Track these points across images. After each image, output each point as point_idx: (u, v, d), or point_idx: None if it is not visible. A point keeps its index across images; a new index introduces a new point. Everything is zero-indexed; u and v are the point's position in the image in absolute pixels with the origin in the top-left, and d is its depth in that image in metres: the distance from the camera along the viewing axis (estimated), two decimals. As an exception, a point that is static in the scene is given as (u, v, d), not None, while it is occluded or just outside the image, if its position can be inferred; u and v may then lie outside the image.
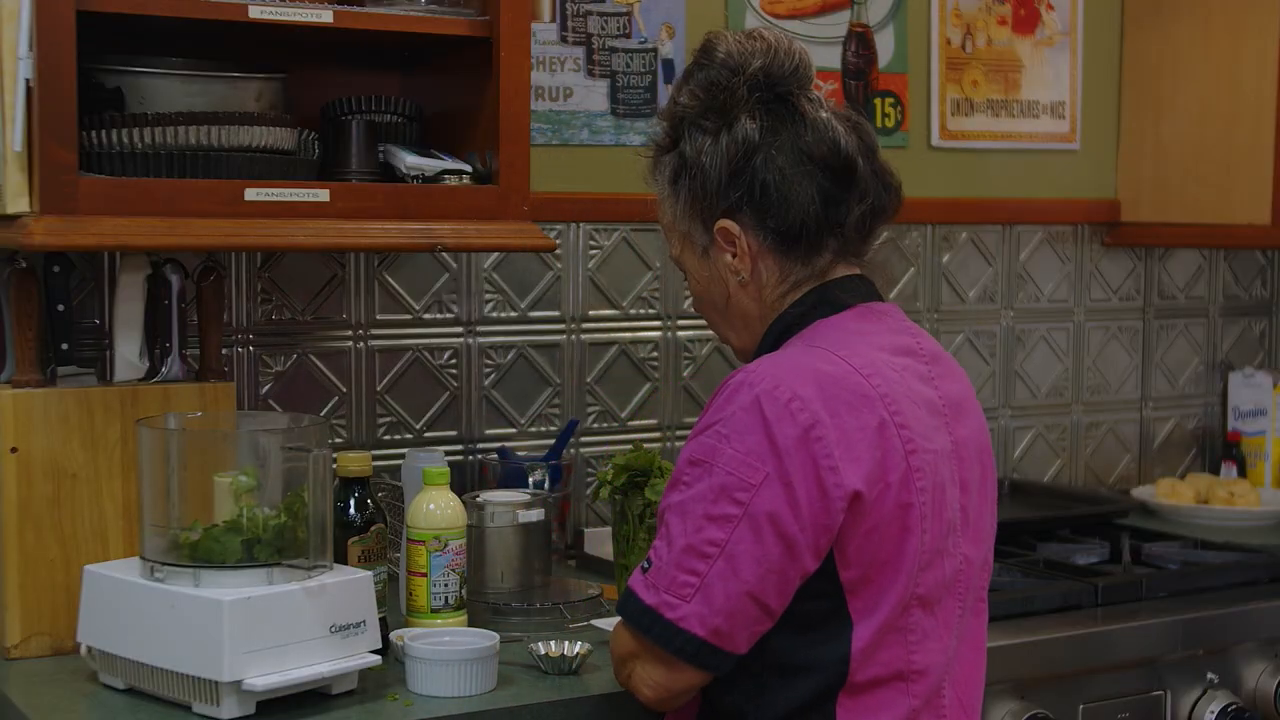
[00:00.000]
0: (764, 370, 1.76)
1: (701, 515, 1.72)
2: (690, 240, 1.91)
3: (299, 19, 2.13)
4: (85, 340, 2.36)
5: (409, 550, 2.14)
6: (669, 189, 1.91)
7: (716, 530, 1.71)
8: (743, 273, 1.87)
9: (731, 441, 1.72)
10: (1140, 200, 3.31)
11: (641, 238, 2.85)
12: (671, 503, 1.76)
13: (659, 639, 1.74)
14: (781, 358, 1.80)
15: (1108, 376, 3.41)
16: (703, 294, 1.94)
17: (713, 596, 1.71)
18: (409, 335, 2.66)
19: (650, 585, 1.75)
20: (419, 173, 2.27)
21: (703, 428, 1.77)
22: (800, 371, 1.75)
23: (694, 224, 1.89)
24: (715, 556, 1.71)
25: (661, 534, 1.76)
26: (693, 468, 1.75)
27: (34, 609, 2.10)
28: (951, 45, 3.16)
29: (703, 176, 1.86)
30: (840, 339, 1.82)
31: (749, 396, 1.73)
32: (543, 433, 2.77)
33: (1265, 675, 2.52)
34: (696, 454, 1.75)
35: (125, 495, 2.14)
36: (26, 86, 1.97)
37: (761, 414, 1.72)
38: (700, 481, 1.73)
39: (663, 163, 1.92)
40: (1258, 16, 3.04)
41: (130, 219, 2.01)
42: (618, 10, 2.80)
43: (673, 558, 1.73)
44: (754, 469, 1.71)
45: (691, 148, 1.87)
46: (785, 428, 1.71)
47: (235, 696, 1.85)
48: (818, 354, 1.78)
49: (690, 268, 1.93)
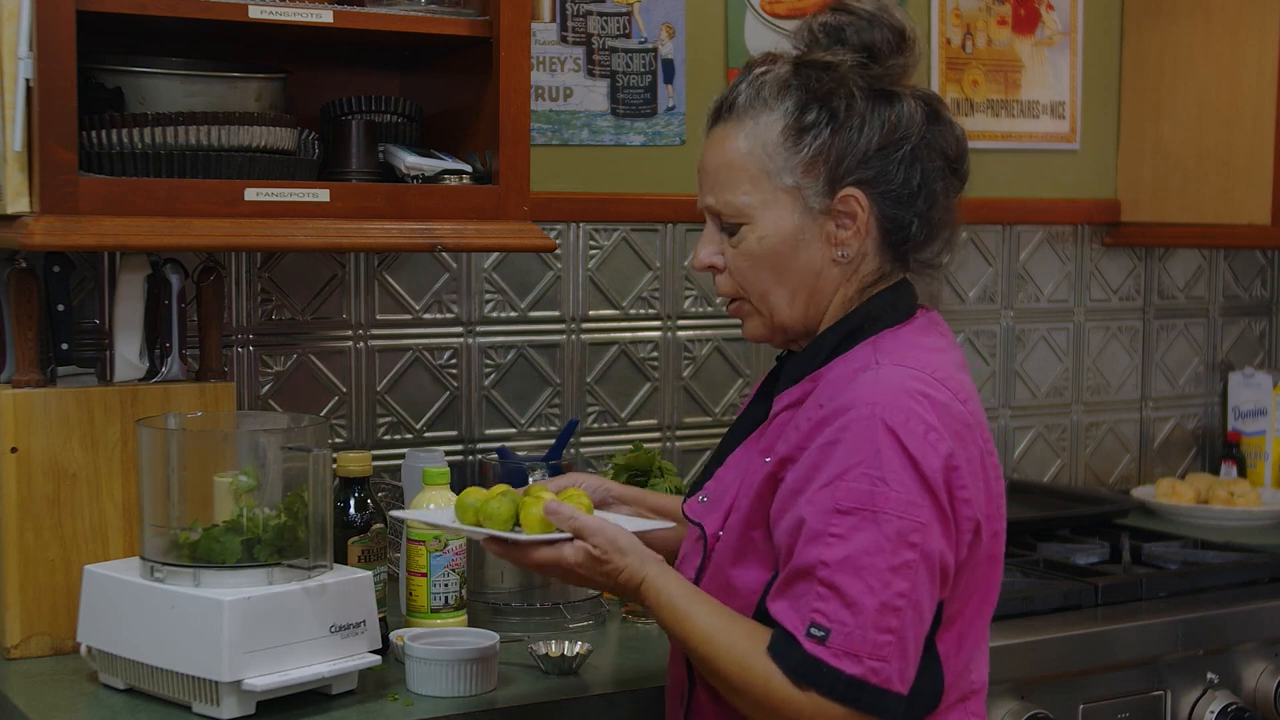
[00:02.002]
0: (882, 399, 1.66)
1: (885, 569, 1.61)
2: (793, 193, 1.76)
3: (299, 19, 2.13)
4: (85, 340, 2.36)
5: (409, 550, 2.14)
6: (789, 133, 1.76)
7: (901, 581, 1.62)
8: (849, 249, 1.77)
9: (890, 483, 1.62)
10: (1140, 200, 3.31)
11: (641, 238, 2.85)
12: (829, 559, 1.62)
13: (870, 707, 1.62)
14: (883, 381, 1.69)
15: (1108, 376, 3.40)
16: (767, 252, 1.78)
17: (907, 649, 1.63)
18: (409, 335, 2.66)
19: (849, 654, 1.61)
20: (419, 173, 2.27)
21: (840, 472, 1.64)
22: (915, 398, 1.67)
23: (812, 180, 1.75)
24: (905, 608, 1.62)
25: (822, 594, 1.62)
26: (845, 517, 1.62)
27: (34, 609, 2.10)
28: (951, 45, 3.16)
29: (854, 139, 1.75)
30: (925, 358, 1.74)
31: (881, 429, 1.64)
32: (543, 433, 2.77)
33: (1265, 675, 2.52)
34: (847, 502, 1.63)
35: (125, 495, 2.14)
36: (26, 86, 1.97)
37: (904, 449, 1.63)
38: (861, 532, 1.62)
39: (785, 103, 1.77)
40: (1258, 16, 3.05)
41: (130, 219, 2.01)
42: (618, 10, 2.80)
43: (868, 620, 1.61)
44: (918, 507, 1.63)
45: (845, 104, 1.75)
46: (930, 460, 1.64)
47: (235, 696, 1.85)
48: (916, 376, 1.70)
49: (766, 220, 1.78)
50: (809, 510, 1.65)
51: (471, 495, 1.86)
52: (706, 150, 1.85)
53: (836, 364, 1.77)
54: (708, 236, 1.84)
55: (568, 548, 1.76)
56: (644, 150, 2.84)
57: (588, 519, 1.77)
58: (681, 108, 2.86)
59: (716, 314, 2.92)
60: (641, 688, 2.02)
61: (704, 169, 1.84)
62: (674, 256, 2.88)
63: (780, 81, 1.79)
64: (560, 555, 1.77)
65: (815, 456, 1.67)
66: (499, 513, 1.81)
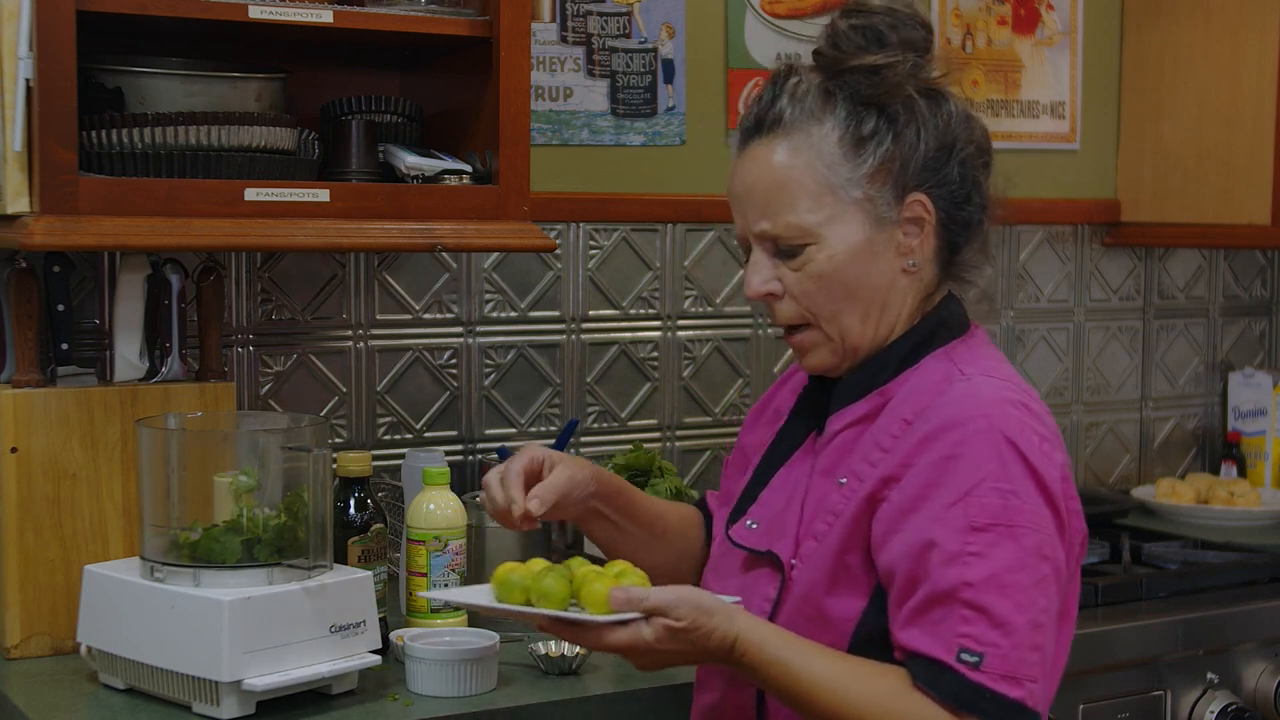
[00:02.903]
0: (992, 411, 1.61)
1: (1029, 585, 1.56)
2: (863, 205, 1.70)
3: (299, 19, 2.13)
4: (85, 340, 2.36)
5: (409, 550, 2.14)
6: (846, 144, 1.69)
7: (1042, 596, 1.57)
8: (917, 257, 1.72)
9: (1020, 496, 1.57)
10: (1140, 200, 3.31)
11: (641, 238, 2.85)
12: (972, 579, 1.55)
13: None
14: (982, 393, 1.64)
15: (1108, 376, 3.40)
16: (836, 271, 1.70)
17: (1047, 667, 1.59)
18: (409, 335, 2.66)
19: (1006, 677, 1.54)
20: (419, 173, 2.27)
21: (968, 488, 1.57)
22: (1019, 409, 1.63)
23: (881, 190, 1.69)
24: (1046, 624, 1.58)
25: (967, 617, 1.55)
26: (981, 534, 1.56)
27: (34, 609, 2.10)
28: (951, 45, 3.15)
29: (915, 143, 1.70)
30: (1005, 370, 1.71)
31: (1002, 442, 1.59)
32: (543, 433, 2.76)
33: (1265, 675, 2.52)
34: (981, 518, 1.56)
35: (125, 495, 2.14)
36: (26, 86, 1.97)
37: (1026, 460, 1.59)
38: (999, 548, 1.56)
39: (834, 113, 1.70)
40: (1258, 16, 3.04)
41: (130, 219, 2.01)
42: (618, 10, 2.80)
43: (1021, 639, 1.55)
44: (1046, 519, 1.58)
45: (903, 108, 1.70)
46: (1050, 471, 1.60)
47: (235, 696, 1.85)
48: (1008, 388, 1.66)
49: (835, 236, 1.70)
50: (940, 531, 1.57)
51: (515, 572, 1.69)
52: (745, 171, 1.74)
53: (907, 377, 1.72)
54: (758, 263, 1.73)
55: (645, 626, 1.58)
56: (644, 150, 2.84)
57: (661, 594, 1.58)
58: (681, 108, 2.86)
59: (716, 314, 2.92)
60: (641, 688, 2.02)
61: (748, 192, 1.73)
62: (674, 256, 2.88)
63: (822, 91, 1.71)
64: (639, 635, 1.58)
65: (929, 474, 1.60)
66: (555, 591, 1.64)
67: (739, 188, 1.74)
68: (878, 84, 1.70)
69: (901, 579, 1.60)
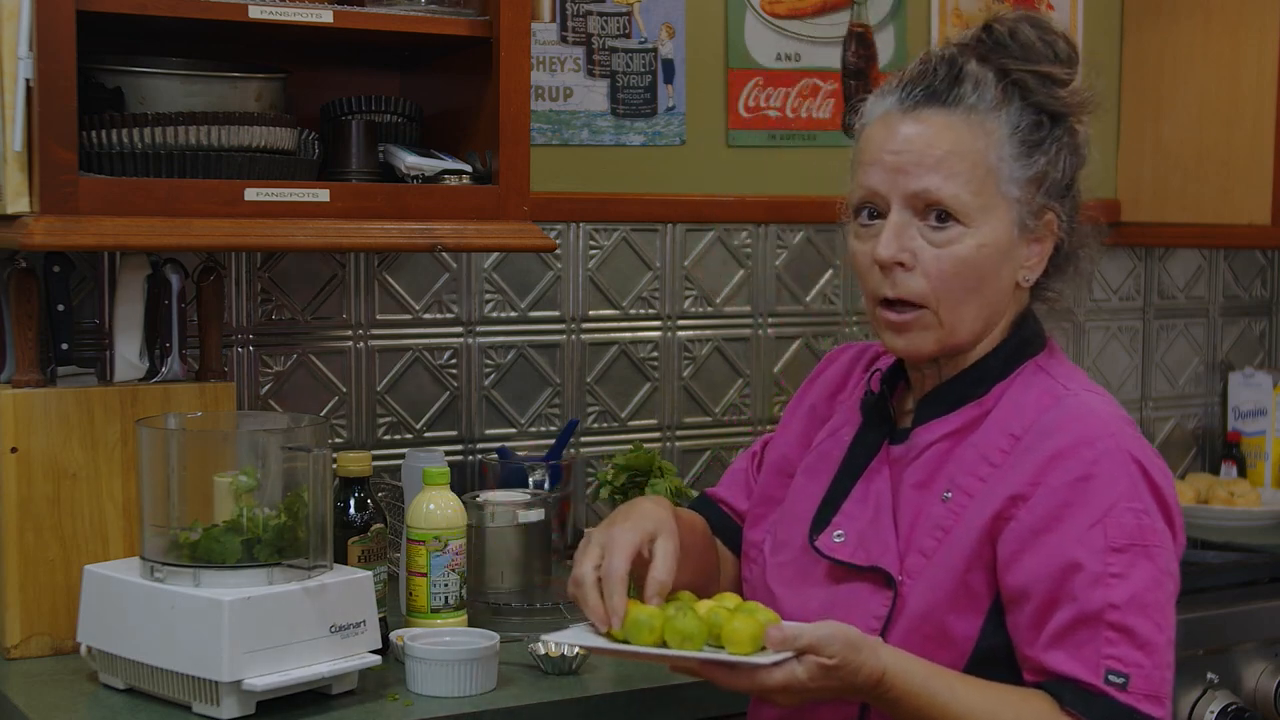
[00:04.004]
0: (1113, 428, 1.63)
1: (1164, 603, 1.60)
2: (1012, 205, 1.68)
3: (299, 19, 2.13)
4: (85, 340, 2.36)
5: (409, 550, 2.13)
6: (1020, 143, 1.68)
7: (1172, 613, 1.61)
8: (1033, 274, 1.72)
9: (1150, 515, 1.59)
10: (1140, 200, 3.31)
11: (641, 238, 2.85)
12: (1117, 601, 1.56)
13: None
14: (1097, 410, 1.65)
15: (1108, 376, 3.40)
16: (979, 261, 1.67)
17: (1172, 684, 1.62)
18: (409, 335, 2.66)
19: (1149, 696, 1.57)
20: (419, 173, 2.27)
21: (1106, 508, 1.58)
22: (1130, 425, 1.65)
23: (1032, 197, 1.69)
24: (1173, 641, 1.61)
25: (1111, 639, 1.56)
26: (1120, 555, 1.57)
27: (34, 609, 2.10)
28: (952, 45, 3.15)
29: (1062, 164, 1.70)
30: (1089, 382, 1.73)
31: (1129, 461, 1.61)
32: (543, 433, 2.76)
33: (1265, 675, 2.52)
34: (1119, 539, 1.58)
35: (125, 495, 2.14)
36: (26, 86, 1.97)
37: (1150, 479, 1.61)
38: (1137, 568, 1.58)
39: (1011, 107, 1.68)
40: (1258, 16, 3.05)
41: (130, 219, 2.01)
42: (618, 10, 2.80)
43: (1160, 659, 1.58)
44: (1168, 536, 1.62)
45: (1073, 125, 1.71)
46: (1168, 493, 1.63)
47: (235, 696, 1.85)
48: (1113, 403, 1.69)
49: (986, 227, 1.67)
50: (1081, 552, 1.57)
51: (643, 612, 1.61)
52: (915, 131, 1.67)
53: (1002, 390, 1.71)
54: (897, 227, 1.67)
55: (798, 666, 1.52)
56: (644, 150, 2.84)
57: (814, 631, 1.53)
58: (681, 108, 2.86)
59: (716, 314, 2.92)
60: (642, 688, 2.02)
61: (917, 150, 1.67)
62: (674, 256, 2.88)
63: (999, 85, 1.69)
64: (793, 675, 1.53)
65: (1064, 494, 1.59)
66: (694, 630, 1.57)
67: (899, 144, 1.68)
68: (1058, 98, 1.70)
69: (1039, 600, 1.59)
